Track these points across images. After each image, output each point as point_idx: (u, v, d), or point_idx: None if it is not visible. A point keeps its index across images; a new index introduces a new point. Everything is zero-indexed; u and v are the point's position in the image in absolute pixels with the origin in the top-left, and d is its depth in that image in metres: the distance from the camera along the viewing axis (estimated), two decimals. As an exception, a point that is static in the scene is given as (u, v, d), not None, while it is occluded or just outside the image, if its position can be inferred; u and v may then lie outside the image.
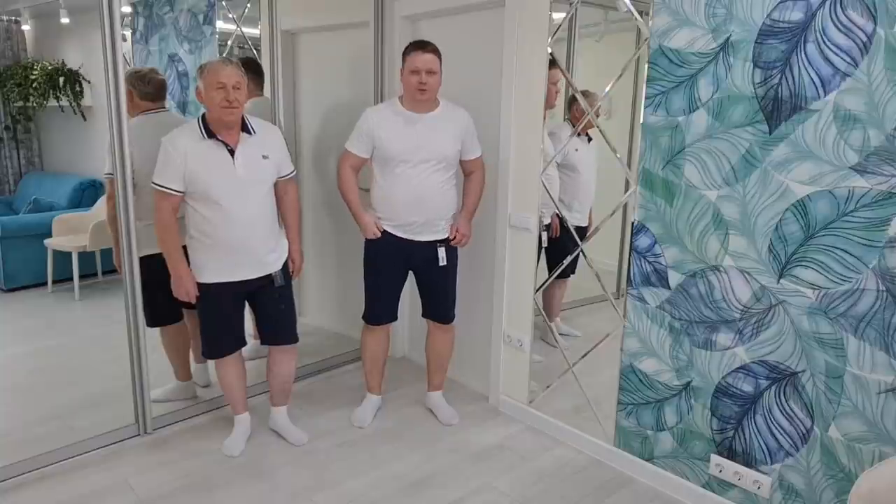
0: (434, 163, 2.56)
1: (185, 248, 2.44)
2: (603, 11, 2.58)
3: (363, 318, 2.79)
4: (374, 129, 2.56)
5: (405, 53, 2.54)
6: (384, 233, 2.64)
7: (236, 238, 2.35)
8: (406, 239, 2.63)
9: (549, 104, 2.66)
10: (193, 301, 2.43)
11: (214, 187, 2.29)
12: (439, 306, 2.78)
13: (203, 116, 2.33)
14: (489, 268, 3.00)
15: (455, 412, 2.91)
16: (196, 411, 2.89)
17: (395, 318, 2.82)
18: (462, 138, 2.62)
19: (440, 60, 2.54)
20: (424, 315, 2.84)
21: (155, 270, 2.55)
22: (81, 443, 2.56)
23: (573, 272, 2.75)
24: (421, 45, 2.51)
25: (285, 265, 2.56)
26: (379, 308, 2.75)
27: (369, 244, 2.69)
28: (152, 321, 2.75)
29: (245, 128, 2.37)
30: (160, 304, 2.71)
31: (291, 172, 2.56)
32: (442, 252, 2.67)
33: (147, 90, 2.70)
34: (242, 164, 2.34)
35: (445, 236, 2.68)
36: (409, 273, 2.77)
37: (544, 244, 2.79)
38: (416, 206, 2.57)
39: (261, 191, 2.40)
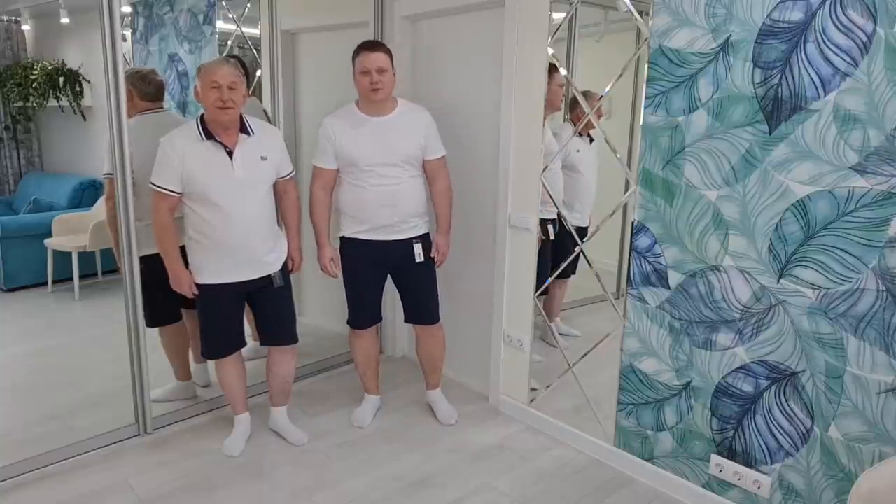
0: (397, 164, 2.54)
1: (183, 248, 2.44)
2: (603, 11, 2.58)
3: (348, 323, 2.78)
4: (332, 136, 2.55)
5: (354, 55, 2.53)
6: (358, 240, 2.63)
7: (235, 239, 2.35)
8: (380, 241, 2.62)
9: (555, 107, 2.66)
10: (192, 295, 2.43)
11: (212, 188, 2.29)
12: (422, 307, 2.76)
13: (202, 117, 2.33)
14: (489, 268, 3.00)
15: (454, 410, 2.91)
16: (196, 411, 2.89)
17: (379, 320, 2.82)
18: (424, 138, 2.59)
19: (391, 59, 2.53)
20: (408, 320, 2.81)
21: (154, 270, 2.55)
22: (81, 443, 2.56)
23: (574, 272, 2.75)
24: (369, 46, 2.51)
25: (284, 266, 2.56)
26: (362, 313, 2.74)
27: (345, 251, 2.68)
28: (151, 321, 2.75)
29: (244, 128, 2.37)
30: (159, 305, 2.71)
31: (291, 173, 2.56)
32: (418, 248, 2.65)
33: (148, 90, 2.71)
34: (241, 165, 2.33)
35: (420, 233, 2.67)
36: (388, 274, 2.75)
37: (552, 236, 2.78)
38: (385, 208, 2.56)
39: (259, 192, 2.39)
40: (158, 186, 2.30)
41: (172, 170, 2.28)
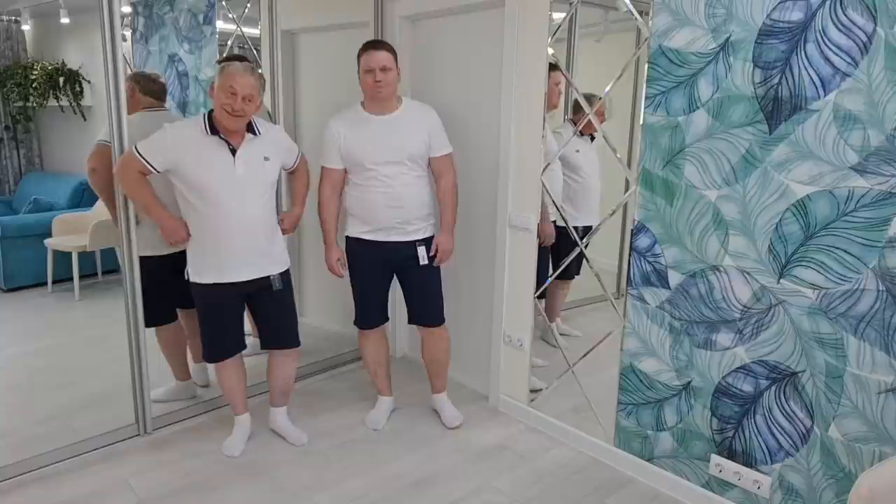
0: (402, 162, 2.55)
1: (182, 252, 2.44)
2: (603, 11, 2.58)
3: (355, 323, 2.78)
4: (337, 136, 2.57)
5: (359, 54, 2.54)
6: (363, 240, 2.63)
7: (233, 238, 2.35)
8: (385, 241, 2.62)
9: (552, 104, 2.66)
10: (187, 238, 2.40)
11: (212, 184, 2.29)
12: (426, 308, 2.75)
13: (210, 113, 2.33)
14: (489, 268, 3.00)
15: (460, 414, 2.88)
16: (196, 411, 2.89)
17: (386, 320, 2.81)
18: (428, 135, 2.60)
19: (395, 58, 2.54)
20: (412, 322, 2.80)
21: (150, 271, 2.55)
22: (81, 443, 2.56)
23: (578, 273, 2.74)
24: (373, 45, 2.53)
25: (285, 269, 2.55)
26: (369, 312, 2.75)
27: (350, 250, 2.69)
28: (147, 322, 2.74)
29: (251, 128, 2.37)
30: (153, 305, 2.70)
31: (297, 160, 2.60)
32: (422, 251, 2.65)
33: (152, 88, 2.72)
34: (243, 164, 2.33)
35: (425, 236, 2.67)
36: (393, 274, 2.75)
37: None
38: (391, 207, 2.56)
39: (259, 192, 2.39)
40: (141, 155, 2.28)
41: (164, 152, 2.28)
